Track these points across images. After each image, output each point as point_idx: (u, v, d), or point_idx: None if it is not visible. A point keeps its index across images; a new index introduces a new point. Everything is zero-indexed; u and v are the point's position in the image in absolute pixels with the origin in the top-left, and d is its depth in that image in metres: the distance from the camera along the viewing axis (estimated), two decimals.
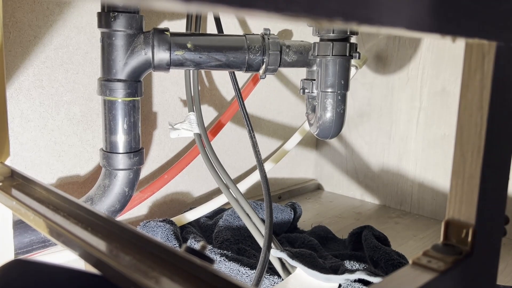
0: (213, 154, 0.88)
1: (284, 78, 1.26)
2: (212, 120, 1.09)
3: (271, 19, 0.18)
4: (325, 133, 0.89)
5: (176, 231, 0.86)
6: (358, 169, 1.31)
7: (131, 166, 0.79)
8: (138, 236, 0.33)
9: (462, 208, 0.33)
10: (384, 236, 0.90)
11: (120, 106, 0.76)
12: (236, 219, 0.93)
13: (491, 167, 0.33)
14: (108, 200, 0.78)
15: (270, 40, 0.83)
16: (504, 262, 0.92)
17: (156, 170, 1.01)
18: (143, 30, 0.77)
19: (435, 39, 1.09)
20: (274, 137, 1.26)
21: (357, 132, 1.29)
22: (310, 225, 1.04)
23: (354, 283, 0.71)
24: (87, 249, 0.33)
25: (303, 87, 0.92)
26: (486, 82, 0.31)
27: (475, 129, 0.32)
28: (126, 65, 0.75)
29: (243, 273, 0.74)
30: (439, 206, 1.16)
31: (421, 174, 1.19)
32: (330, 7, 0.18)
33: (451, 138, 1.13)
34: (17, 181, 0.48)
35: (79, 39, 0.84)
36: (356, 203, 1.28)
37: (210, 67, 0.81)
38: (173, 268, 0.30)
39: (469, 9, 0.25)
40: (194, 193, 1.10)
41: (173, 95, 1.01)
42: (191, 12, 0.94)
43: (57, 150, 0.84)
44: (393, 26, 0.21)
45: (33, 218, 0.39)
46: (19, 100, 0.78)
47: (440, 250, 0.33)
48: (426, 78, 1.15)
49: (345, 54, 0.85)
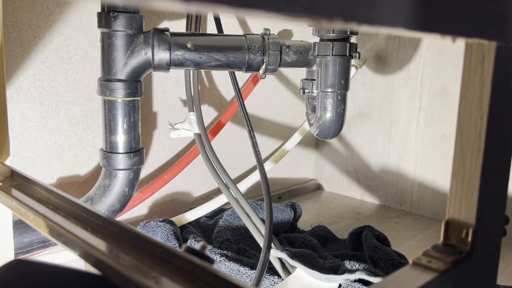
0: (213, 154, 0.88)
1: (284, 78, 1.26)
2: (212, 120, 1.09)
3: (271, 19, 0.18)
4: (325, 133, 0.89)
5: (176, 231, 0.86)
6: (358, 169, 1.31)
7: (131, 166, 0.79)
8: (138, 236, 0.33)
9: (462, 208, 0.33)
10: (384, 236, 0.90)
11: (120, 106, 0.76)
12: (236, 219, 0.93)
13: (491, 167, 0.33)
14: (108, 200, 0.78)
15: (270, 40, 0.83)
16: (504, 262, 0.92)
17: (156, 170, 1.01)
18: (143, 30, 0.77)
19: (435, 39, 1.09)
20: (274, 137, 1.26)
21: (357, 132, 1.29)
22: (310, 225, 1.04)
23: (354, 283, 0.71)
24: (87, 249, 0.33)
25: (303, 87, 0.92)
26: (486, 82, 0.31)
27: (475, 129, 0.32)
28: (126, 65, 0.75)
29: (243, 273, 0.74)
30: (439, 206, 1.16)
31: (421, 174, 1.19)
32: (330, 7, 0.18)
33: (451, 138, 1.13)
34: (17, 181, 0.48)
35: (79, 39, 0.84)
36: (356, 203, 1.28)
37: (210, 67, 0.81)
38: (173, 268, 0.30)
39: (469, 9, 0.25)
40: (194, 193, 1.10)
41: (173, 95, 1.01)
42: (191, 12, 0.94)
43: (57, 150, 0.84)
44: (393, 26, 0.21)
45: (33, 218, 0.39)
46: (19, 100, 0.78)
47: (440, 250, 0.33)
48: (426, 78, 1.15)
49: (345, 54, 0.85)
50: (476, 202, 0.32)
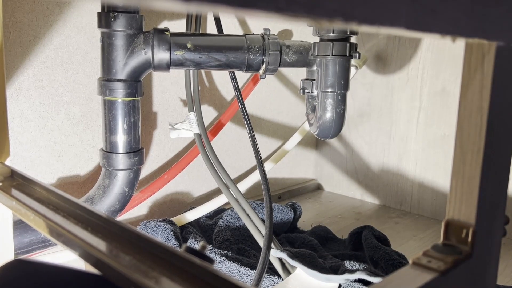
0: (213, 154, 0.88)
1: (284, 78, 1.26)
2: (212, 120, 1.09)
3: (271, 19, 0.18)
4: (325, 133, 0.89)
5: (176, 231, 0.86)
6: (358, 169, 1.31)
7: (131, 166, 0.79)
8: (138, 236, 0.33)
9: (462, 208, 0.33)
10: (384, 236, 0.90)
11: (120, 106, 0.76)
12: (236, 219, 0.93)
13: (491, 167, 0.33)
14: (108, 200, 0.78)
15: (270, 40, 0.83)
16: (504, 262, 0.92)
17: (156, 170, 1.01)
18: (143, 30, 0.77)
19: (435, 39, 1.09)
20: (274, 137, 1.26)
21: (357, 132, 1.29)
22: (310, 225, 1.04)
23: (354, 283, 0.71)
24: (87, 249, 0.33)
25: (303, 87, 0.92)
26: (486, 82, 0.31)
27: (475, 129, 0.32)
28: (126, 65, 0.75)
29: (243, 273, 0.74)
30: (439, 206, 1.16)
31: (421, 174, 1.19)
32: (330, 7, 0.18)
33: (451, 138, 1.13)
34: (17, 181, 0.48)
35: (79, 39, 0.84)
36: (356, 203, 1.28)
37: (210, 67, 0.81)
38: (173, 268, 0.30)
39: (469, 9, 0.25)
40: (194, 193, 1.10)
41: (173, 95, 1.01)
42: (191, 12, 0.94)
43: (57, 150, 0.84)
44: (393, 26, 0.21)
45: (33, 218, 0.39)
46: (19, 100, 0.78)
47: (440, 250, 0.33)
48: (426, 78, 1.15)
49: (345, 54, 0.85)
50: (476, 202, 0.32)
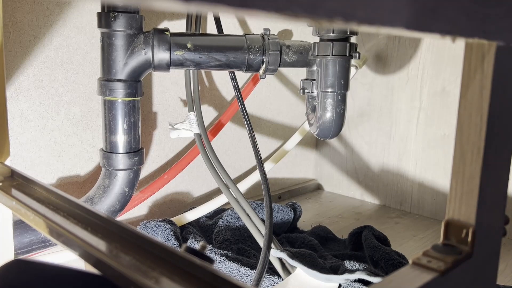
0: (213, 154, 0.88)
1: (284, 78, 1.26)
2: (212, 120, 1.09)
3: (271, 19, 0.18)
4: (325, 133, 0.89)
5: (176, 231, 0.86)
6: (358, 169, 1.31)
7: (131, 166, 0.79)
8: (138, 236, 0.33)
9: (462, 208, 0.33)
10: (384, 236, 0.90)
11: (120, 106, 0.76)
12: (236, 219, 0.93)
13: (491, 167, 0.33)
14: (108, 200, 0.78)
15: (270, 40, 0.83)
16: (504, 262, 0.92)
17: (156, 170, 1.01)
18: (143, 30, 0.77)
19: (435, 39, 1.09)
20: (274, 137, 1.26)
21: (357, 132, 1.29)
22: (310, 225, 1.04)
23: (354, 283, 0.71)
24: (87, 249, 0.33)
25: (303, 87, 0.92)
26: (486, 82, 0.31)
27: (475, 129, 0.32)
28: (126, 65, 0.75)
29: (243, 273, 0.74)
30: (439, 206, 1.16)
31: (421, 174, 1.19)
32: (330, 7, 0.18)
33: (451, 138, 1.13)
34: (17, 181, 0.48)
35: (79, 39, 0.84)
36: (356, 203, 1.28)
37: (210, 67, 0.81)
38: (173, 268, 0.30)
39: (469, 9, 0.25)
40: (194, 193, 1.10)
41: (173, 95, 1.01)
42: (191, 12, 0.94)
43: (57, 150, 0.84)
44: (393, 26, 0.21)
45: (33, 218, 0.39)
46: (19, 100, 0.78)
47: (440, 250, 0.33)
48: (426, 78, 1.15)
49: (345, 54, 0.85)
50: (476, 202, 0.32)
